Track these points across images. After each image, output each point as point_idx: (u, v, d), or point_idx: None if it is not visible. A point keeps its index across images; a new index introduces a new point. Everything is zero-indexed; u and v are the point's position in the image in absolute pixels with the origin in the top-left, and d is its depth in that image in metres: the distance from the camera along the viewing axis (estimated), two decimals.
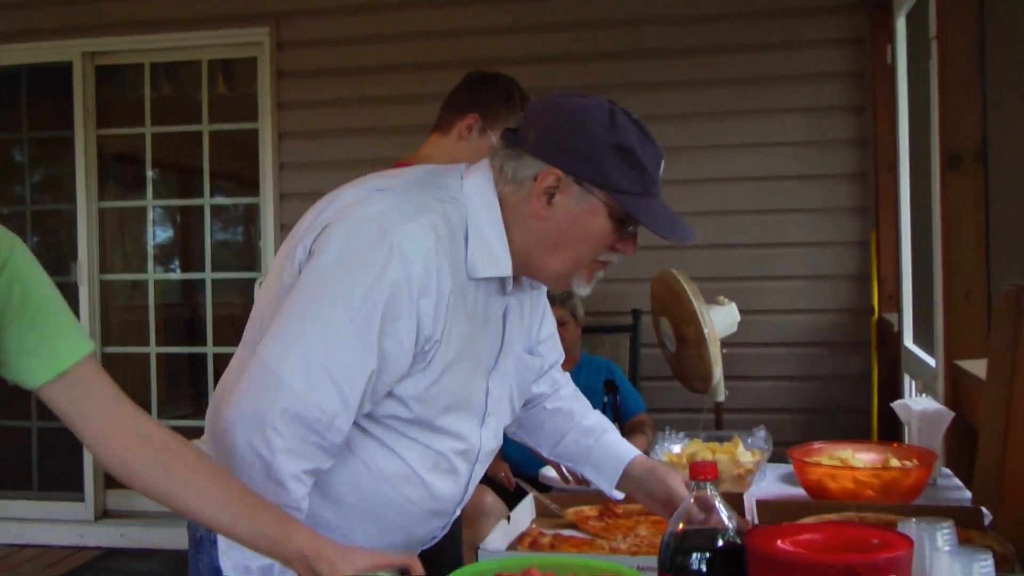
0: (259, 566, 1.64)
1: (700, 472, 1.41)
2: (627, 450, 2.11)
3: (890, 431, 4.34)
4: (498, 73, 2.92)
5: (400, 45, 5.56)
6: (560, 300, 4.47)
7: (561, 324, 4.44)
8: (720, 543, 1.37)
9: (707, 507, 1.40)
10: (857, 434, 4.68)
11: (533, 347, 2.03)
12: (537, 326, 2.04)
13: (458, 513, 1.93)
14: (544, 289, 2.00)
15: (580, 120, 1.72)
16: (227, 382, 1.83)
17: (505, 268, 1.76)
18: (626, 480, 2.08)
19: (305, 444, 1.62)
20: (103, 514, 6.08)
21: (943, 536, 1.26)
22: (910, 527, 1.29)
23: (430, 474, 1.80)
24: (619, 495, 2.18)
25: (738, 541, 1.37)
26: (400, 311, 1.63)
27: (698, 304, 3.87)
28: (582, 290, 1.82)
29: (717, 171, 5.29)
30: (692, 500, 1.40)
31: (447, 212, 1.72)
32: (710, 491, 1.40)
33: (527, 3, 5.44)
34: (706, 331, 3.86)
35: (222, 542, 1.67)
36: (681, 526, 1.40)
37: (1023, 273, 2.44)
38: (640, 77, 5.30)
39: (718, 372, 3.94)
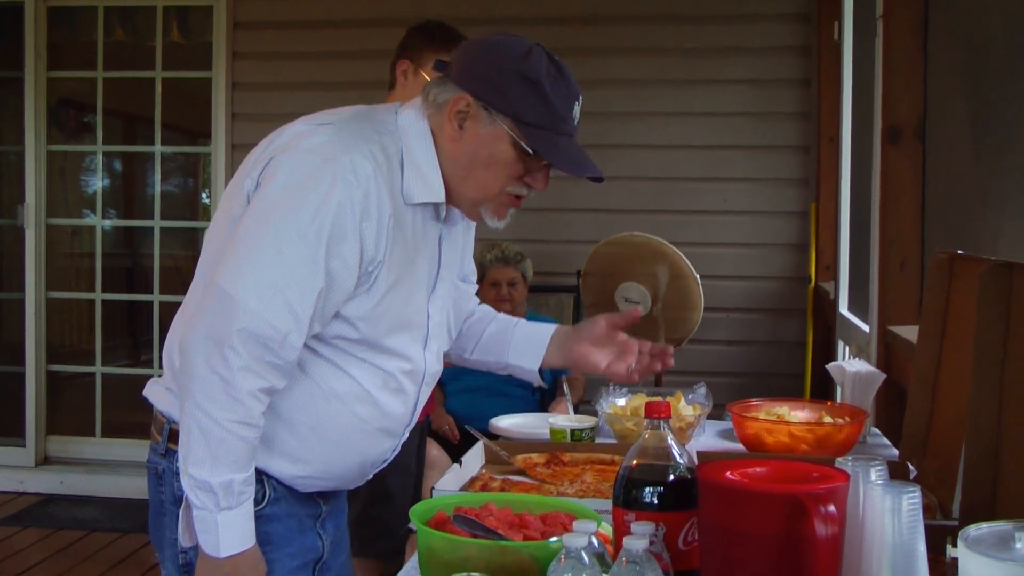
0: (220, 482, 1.71)
1: (654, 411, 1.50)
2: (544, 328, 2.25)
3: (822, 395, 4.50)
4: (427, 19, 3.03)
5: (358, 1, 5.58)
6: (514, 261, 4.55)
7: (511, 285, 4.55)
8: (672, 477, 1.47)
9: (660, 444, 1.49)
10: (791, 396, 4.82)
11: (465, 276, 2.15)
12: (468, 258, 2.17)
13: (406, 436, 2.02)
14: (473, 225, 2.11)
15: (496, 51, 1.84)
16: (182, 318, 1.90)
17: (438, 194, 1.87)
18: (549, 350, 2.22)
19: (260, 363, 1.71)
20: (44, 460, 6.08)
21: (876, 471, 1.37)
22: (846, 464, 1.40)
23: (380, 392, 1.90)
24: (541, 382, 2.33)
25: (688, 476, 1.47)
26: (345, 232, 1.73)
27: (691, 267, 3.97)
28: (493, 223, 1.92)
29: (663, 138, 5.40)
30: (646, 436, 1.50)
31: (384, 143, 1.82)
32: (663, 428, 1.50)
33: None
34: (700, 288, 3.96)
35: (182, 461, 1.73)
36: (635, 462, 1.49)
37: (956, 244, 2.56)
38: (590, 42, 5.39)
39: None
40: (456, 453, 3.05)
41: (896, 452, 2.58)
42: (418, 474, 3.42)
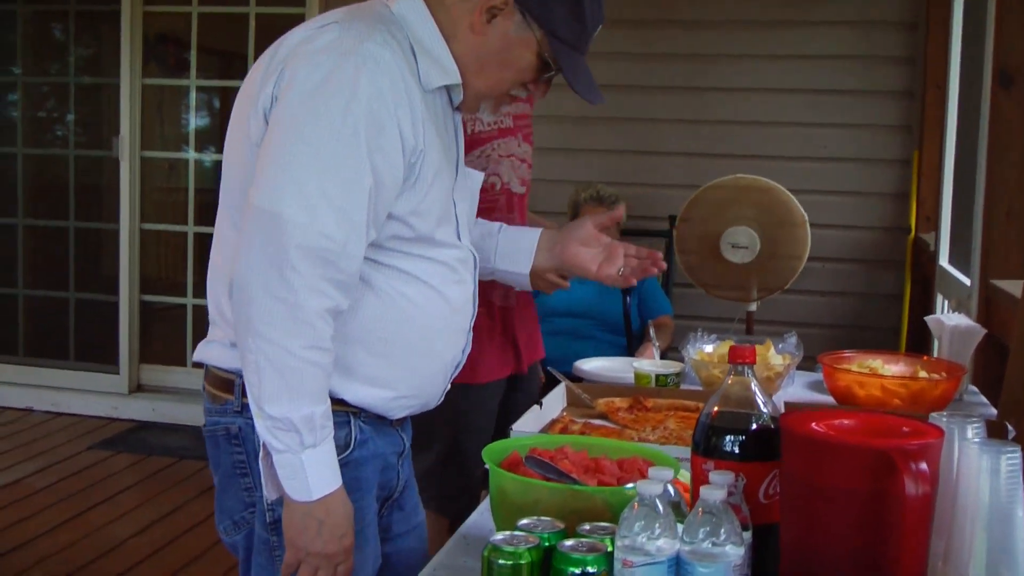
0: (301, 417, 1.62)
1: (739, 356, 1.43)
2: (531, 231, 2.23)
3: (918, 350, 4.36)
4: None
5: None
6: (608, 202, 4.48)
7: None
8: (754, 426, 1.40)
9: (743, 391, 1.42)
10: (886, 350, 4.70)
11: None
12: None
13: (471, 332, 1.96)
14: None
15: None
16: (216, 259, 1.86)
17: (454, 75, 1.82)
18: (539, 254, 2.22)
19: (324, 280, 1.61)
20: (136, 388, 6.21)
21: (973, 429, 1.29)
22: (940, 420, 1.32)
23: (446, 287, 1.84)
24: (530, 288, 2.30)
25: (772, 425, 1.40)
26: (382, 123, 1.65)
27: (803, 212, 3.89)
28: (486, 115, 1.95)
29: (760, 81, 5.26)
30: (729, 383, 1.43)
31: (391, 31, 1.76)
32: (747, 375, 1.42)
33: None
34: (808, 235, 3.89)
35: (254, 403, 1.64)
36: (717, 408, 1.43)
37: None
38: None
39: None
40: (539, 396, 3.01)
41: (994, 411, 2.48)
42: (495, 435, 3.37)
